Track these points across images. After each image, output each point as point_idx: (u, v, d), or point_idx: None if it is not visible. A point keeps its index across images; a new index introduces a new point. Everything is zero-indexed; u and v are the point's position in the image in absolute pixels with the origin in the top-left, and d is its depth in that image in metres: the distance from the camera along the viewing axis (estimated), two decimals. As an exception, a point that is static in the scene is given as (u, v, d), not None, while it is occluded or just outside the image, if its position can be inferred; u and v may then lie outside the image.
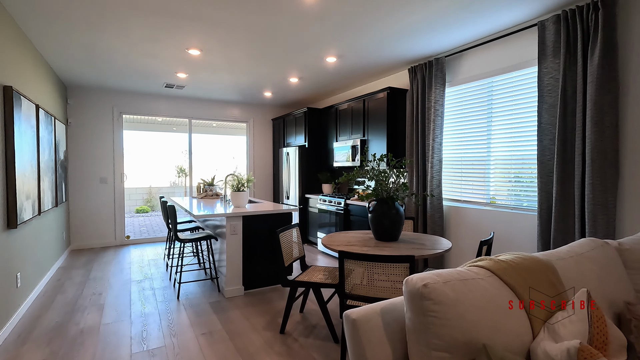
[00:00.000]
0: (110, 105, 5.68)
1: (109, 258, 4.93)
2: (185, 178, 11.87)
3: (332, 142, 5.50)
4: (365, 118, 4.74)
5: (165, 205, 3.97)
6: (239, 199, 3.76)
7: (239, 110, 6.74)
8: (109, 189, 5.69)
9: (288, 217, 3.74)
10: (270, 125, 7.10)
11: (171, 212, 3.43)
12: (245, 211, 3.45)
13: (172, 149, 11.12)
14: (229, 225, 3.37)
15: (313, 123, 5.77)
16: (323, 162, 5.80)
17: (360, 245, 2.47)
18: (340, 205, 4.69)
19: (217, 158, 12.06)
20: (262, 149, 7.02)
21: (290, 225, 2.86)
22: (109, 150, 5.68)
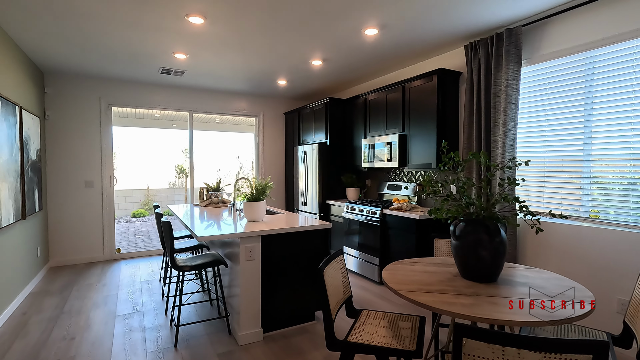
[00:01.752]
0: (97, 96, 4.82)
1: (94, 279, 4.08)
2: (186, 179, 11.02)
3: (360, 139, 4.63)
4: (405, 109, 3.88)
5: (159, 219, 3.12)
6: (255, 211, 2.91)
7: (247, 103, 5.88)
8: (96, 194, 4.84)
9: (322, 235, 2.89)
10: (283, 120, 6.24)
11: (166, 230, 2.58)
12: (265, 229, 2.60)
13: (172, 148, 10.27)
14: (244, 249, 2.52)
15: (336, 116, 4.90)
16: (347, 162, 4.94)
17: (447, 288, 1.61)
18: (375, 215, 3.83)
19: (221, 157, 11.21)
20: (273, 147, 6.16)
21: (334, 254, 2.00)
22: (95, 149, 4.82)
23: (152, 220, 9.50)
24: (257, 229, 2.60)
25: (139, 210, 9.87)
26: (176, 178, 10.50)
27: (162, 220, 2.63)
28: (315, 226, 2.79)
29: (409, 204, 3.62)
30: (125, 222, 9.24)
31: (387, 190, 4.46)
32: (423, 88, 3.63)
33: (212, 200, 4.17)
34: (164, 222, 2.59)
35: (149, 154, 9.89)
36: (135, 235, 7.42)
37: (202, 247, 3.40)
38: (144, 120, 8.09)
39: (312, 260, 2.84)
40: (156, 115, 7.61)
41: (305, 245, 2.81)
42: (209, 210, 3.79)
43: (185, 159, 10.19)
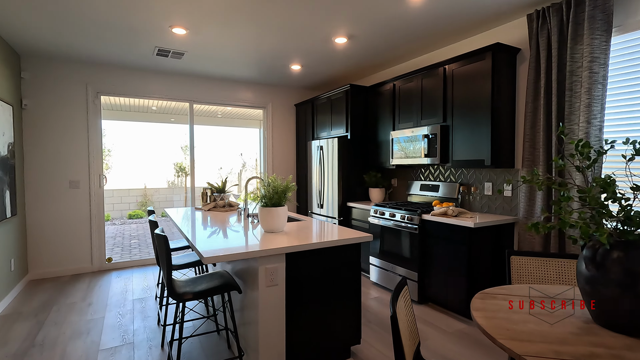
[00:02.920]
0: (83, 83, 4.19)
1: (78, 296, 3.46)
2: (185, 178, 10.39)
3: (386, 132, 4.02)
4: (447, 95, 3.26)
5: (154, 230, 2.51)
6: (274, 219, 2.29)
7: (253, 93, 5.25)
8: (83, 195, 4.22)
9: (356, 249, 2.27)
10: (293, 112, 5.61)
11: (161, 247, 1.96)
12: (291, 245, 1.98)
13: (170, 144, 9.64)
14: (265, 272, 1.91)
15: (357, 106, 4.28)
16: (370, 158, 4.33)
17: (595, 350, 1.00)
18: (412, 221, 3.22)
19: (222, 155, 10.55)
20: (282, 142, 5.54)
21: (398, 286, 1.40)
22: (81, 144, 4.20)
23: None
24: (279, 244, 1.98)
25: (135, 211, 9.25)
26: (175, 177, 9.88)
27: (157, 234, 2.01)
28: (353, 239, 2.18)
29: (455, 208, 3.00)
30: (121, 224, 8.62)
31: (419, 192, 3.84)
32: (472, 69, 3.01)
33: (217, 204, 3.56)
34: (159, 235, 1.97)
35: (146, 150, 9.26)
36: (131, 239, 6.80)
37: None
38: (140, 113, 7.45)
39: (347, 281, 2.23)
40: (153, 107, 6.97)
41: (339, 263, 2.20)
42: (214, 215, 3.17)
43: (185, 157, 9.56)
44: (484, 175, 3.26)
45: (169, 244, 1.92)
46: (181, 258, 2.74)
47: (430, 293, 3.13)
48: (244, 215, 2.93)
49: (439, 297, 3.03)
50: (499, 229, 2.91)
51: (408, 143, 3.61)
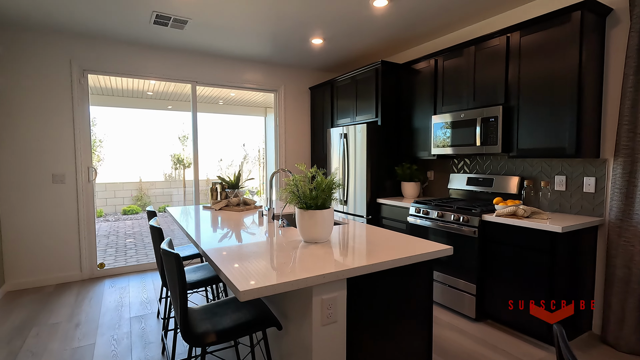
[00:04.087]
0: (67, 58, 3.55)
1: (63, 314, 2.88)
2: (184, 171, 9.74)
3: (425, 116, 3.44)
4: (510, 69, 2.68)
5: (157, 240, 1.92)
6: (319, 226, 1.72)
7: (264, 73, 4.63)
8: (69, 191, 3.60)
9: (431, 265, 1.71)
10: (308, 96, 5.00)
11: (172, 271, 1.38)
12: (356, 267, 1.41)
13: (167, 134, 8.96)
14: (320, 305, 1.34)
15: (389, 87, 3.69)
16: (403, 147, 3.76)
17: None
18: (468, 223, 2.66)
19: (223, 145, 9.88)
20: (296, 130, 4.93)
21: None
22: (66, 132, 3.57)
23: (146, 218, 8.26)
24: (333, 262, 1.41)
25: (130, 206, 8.63)
26: (172, 169, 9.24)
27: (166, 251, 1.42)
28: (430, 253, 1.61)
29: (526, 207, 2.45)
30: (115, 220, 8.00)
31: (465, 186, 3.28)
32: (549, 36, 2.43)
33: (229, 201, 2.97)
34: (169, 254, 1.39)
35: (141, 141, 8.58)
36: (126, 238, 6.20)
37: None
38: (134, 99, 6.79)
39: (417, 309, 1.67)
40: (148, 93, 6.32)
41: (410, 284, 1.63)
42: (227, 216, 2.59)
43: (183, 147, 8.92)
44: (554, 166, 2.70)
45: (183, 269, 1.34)
46: (192, 273, 2.16)
47: (491, 309, 2.59)
48: (269, 217, 2.35)
49: (504, 315, 2.49)
50: (579, 234, 2.36)
51: (456, 129, 3.04)
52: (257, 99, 6.70)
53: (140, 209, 8.66)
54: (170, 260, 1.38)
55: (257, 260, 1.47)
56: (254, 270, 1.34)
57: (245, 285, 1.18)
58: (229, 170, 10.17)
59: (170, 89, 5.88)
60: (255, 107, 7.23)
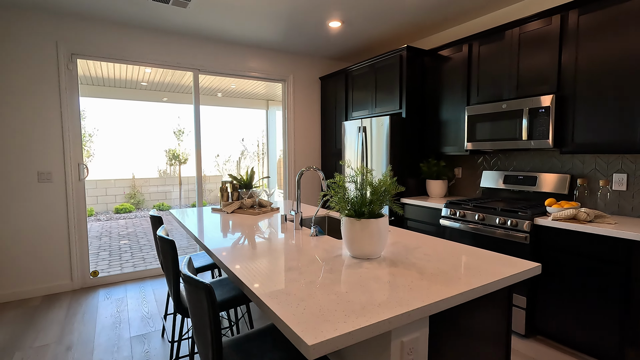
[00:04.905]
0: (52, 40, 3.13)
1: (52, 334, 2.51)
2: (180, 167, 9.29)
3: (457, 108, 3.12)
4: (565, 53, 2.36)
5: (169, 254, 1.56)
6: (373, 238, 1.39)
7: (272, 62, 4.24)
8: (57, 191, 3.21)
9: (511, 290, 1.39)
10: (318, 86, 4.64)
11: (199, 307, 1.03)
12: (439, 300, 1.08)
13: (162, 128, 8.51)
14: (399, 349, 1.01)
15: (413, 75, 3.36)
16: (429, 142, 3.43)
17: None
18: (517, 227, 2.36)
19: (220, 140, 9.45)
20: (306, 123, 4.57)
21: None
22: (53, 125, 3.17)
23: (140, 217, 7.83)
24: (419, 296, 1.08)
25: (122, 204, 8.18)
26: (167, 165, 8.80)
27: (191, 279, 1.06)
28: (520, 274, 1.29)
29: (588, 209, 2.15)
30: (106, 219, 7.56)
31: (503, 184, 2.98)
32: (615, 13, 2.11)
33: (242, 203, 2.61)
34: (198, 284, 1.04)
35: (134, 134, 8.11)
36: (120, 239, 5.79)
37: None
38: (127, 90, 6.33)
39: (498, 339, 1.35)
40: (142, 83, 5.88)
41: (488, 312, 1.31)
42: (242, 220, 2.24)
43: (179, 142, 8.48)
44: (612, 163, 2.41)
45: (216, 304, 0.99)
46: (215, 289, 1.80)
47: (542, 324, 2.30)
48: (296, 223, 2.01)
49: (561, 331, 2.20)
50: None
51: (496, 121, 2.72)
52: (258, 91, 6.31)
53: (133, 207, 8.22)
54: (199, 297, 1.03)
55: (310, 289, 1.13)
56: (315, 307, 0.99)
57: (314, 335, 0.84)
58: (227, 166, 9.77)
59: (167, 79, 5.46)
60: (257, 100, 6.84)
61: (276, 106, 6.88)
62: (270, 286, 1.14)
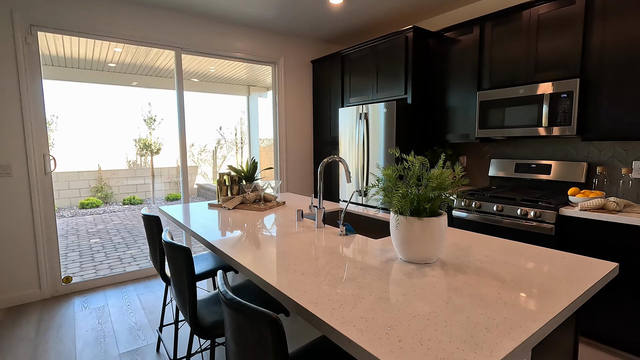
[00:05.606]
0: (7, 8, 2.64)
1: (19, 357, 2.14)
2: (152, 158, 8.66)
3: (467, 93, 2.97)
4: (589, 33, 2.25)
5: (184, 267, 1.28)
6: (436, 239, 1.19)
7: (261, 43, 3.90)
8: (18, 186, 2.76)
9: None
10: (309, 70, 4.35)
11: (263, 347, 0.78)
12: (543, 326, 0.89)
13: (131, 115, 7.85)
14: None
15: (420, 59, 3.17)
16: (434, 130, 3.28)
17: None
18: (541, 219, 2.25)
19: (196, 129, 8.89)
20: (297, 109, 4.29)
21: None
22: (11, 109, 2.70)
23: (109, 212, 7.24)
24: (520, 323, 0.89)
25: (88, 199, 7.53)
26: (138, 156, 8.17)
27: (259, 322, 0.81)
28: (601, 280, 1.14)
29: (617, 199, 2.07)
30: (71, 216, 6.93)
31: (514, 174, 2.88)
32: (648, -9, 2.01)
33: (245, 198, 2.33)
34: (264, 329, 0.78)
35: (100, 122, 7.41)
36: (89, 238, 5.28)
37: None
38: (93, 73, 5.69)
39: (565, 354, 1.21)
40: (111, 64, 5.29)
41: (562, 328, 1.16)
42: (247, 217, 1.97)
43: (150, 131, 7.87)
44: (632, 150, 2.35)
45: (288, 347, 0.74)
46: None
47: (567, 317, 2.22)
48: (318, 220, 1.77)
49: (598, 330, 2.14)
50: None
51: (512, 107, 2.59)
52: (239, 76, 5.90)
53: (100, 201, 7.58)
54: (261, 332, 0.78)
55: (390, 311, 0.91)
56: (410, 338, 0.77)
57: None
58: (202, 156, 9.25)
59: (139, 60, 4.94)
60: (237, 86, 6.42)
61: (258, 92, 6.50)
62: (343, 311, 0.90)
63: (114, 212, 7.26)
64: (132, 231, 5.68)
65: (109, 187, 7.87)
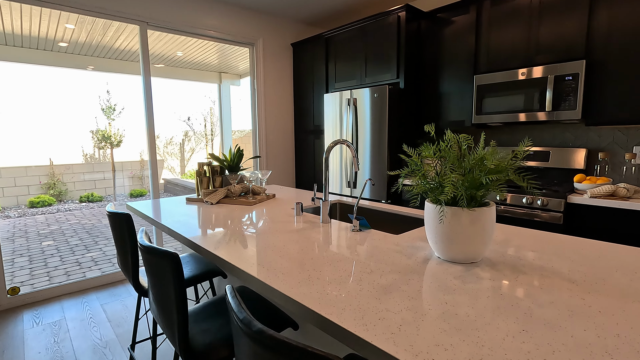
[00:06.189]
0: None
1: (-44, 387, 1.74)
2: (112, 151, 7.94)
3: (461, 77, 2.82)
4: (596, 14, 2.15)
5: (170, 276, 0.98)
6: (487, 234, 0.99)
7: (237, 21, 3.55)
8: (-54, 183, 2.27)
9: None
10: (289, 54, 4.05)
11: None
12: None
13: (86, 103, 7.12)
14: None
15: (412, 40, 2.98)
16: (427, 116, 3.12)
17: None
18: (547, 207, 2.15)
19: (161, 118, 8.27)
20: (277, 95, 3.98)
21: None
22: None
23: (64, 211, 6.55)
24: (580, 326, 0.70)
25: (39, 196, 6.79)
26: (96, 149, 7.47)
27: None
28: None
29: (627, 185, 2.00)
30: (19, 215, 6.19)
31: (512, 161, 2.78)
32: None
33: (230, 190, 2.04)
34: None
35: (51, 111, 6.64)
36: (41, 241, 4.69)
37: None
38: (40, 53, 5.02)
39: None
40: (62, 44, 4.67)
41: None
42: (237, 213, 1.69)
43: (109, 121, 7.19)
44: (632, 135, 2.30)
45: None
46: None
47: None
48: (324, 214, 1.52)
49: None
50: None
51: (513, 91, 2.47)
52: (210, 61, 5.47)
53: (54, 199, 6.85)
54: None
55: (467, 331, 0.68)
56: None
57: None
58: (168, 149, 8.66)
59: (95, 39, 4.39)
60: (207, 72, 5.96)
61: (231, 80, 6.09)
62: (408, 336, 0.67)
63: (69, 210, 6.59)
64: (92, 231, 5.13)
65: (63, 184, 7.14)
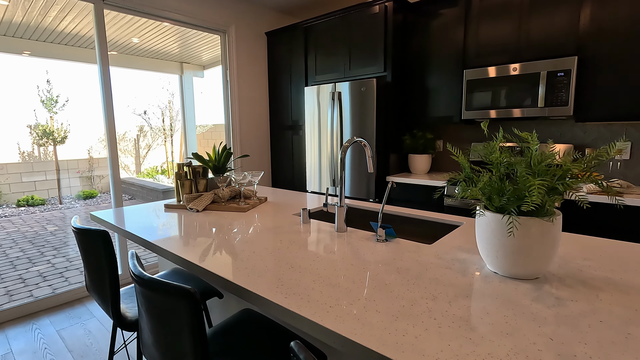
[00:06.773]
0: None
1: None
2: (55, 148, 7.07)
3: (450, 72, 2.76)
4: (587, 8, 2.16)
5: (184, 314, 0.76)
6: (556, 246, 0.86)
7: (206, 5, 3.22)
8: None
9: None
10: (264, 43, 3.78)
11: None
12: None
13: (22, 94, 6.24)
14: None
15: (399, 31, 2.87)
16: (414, 112, 3.03)
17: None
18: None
19: (116, 112, 7.48)
20: (250, 88, 3.70)
21: None
22: None
23: (0, 217, 5.72)
24: None
25: (-34, 202, 5.87)
26: (35, 146, 6.61)
27: None
28: None
29: (622, 181, 2.04)
30: (-60, 225, 5.30)
31: (497, 157, 2.77)
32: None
33: (217, 195, 1.78)
34: None
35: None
36: (-29, 254, 4.02)
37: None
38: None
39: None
40: (-9, 24, 3.96)
41: None
42: (216, 219, 1.46)
43: (51, 114, 6.37)
44: (615, 132, 2.36)
45: None
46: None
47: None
48: (340, 222, 1.34)
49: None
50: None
51: (504, 87, 2.44)
52: (170, 50, 5.01)
53: (-16, 204, 5.96)
54: None
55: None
56: None
57: None
58: (121, 146, 7.92)
59: (33, 18, 3.80)
60: (167, 62, 5.47)
61: (193, 71, 5.65)
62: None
63: (5, 216, 5.77)
64: (35, 240, 4.51)
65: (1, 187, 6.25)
